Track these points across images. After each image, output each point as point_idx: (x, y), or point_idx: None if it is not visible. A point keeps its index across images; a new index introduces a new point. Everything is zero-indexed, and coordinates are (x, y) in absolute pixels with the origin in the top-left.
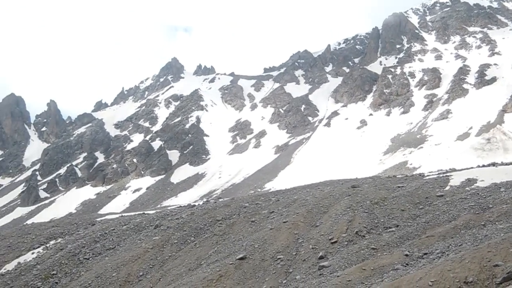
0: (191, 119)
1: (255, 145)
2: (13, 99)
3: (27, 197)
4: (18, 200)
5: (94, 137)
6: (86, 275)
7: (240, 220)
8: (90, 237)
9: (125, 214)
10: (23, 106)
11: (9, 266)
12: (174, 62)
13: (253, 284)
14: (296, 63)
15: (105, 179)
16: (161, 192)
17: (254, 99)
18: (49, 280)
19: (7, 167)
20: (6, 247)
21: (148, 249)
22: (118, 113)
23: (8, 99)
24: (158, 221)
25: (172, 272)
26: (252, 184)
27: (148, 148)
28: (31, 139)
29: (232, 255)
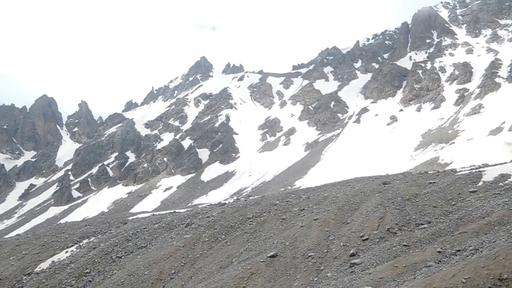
0: (221, 118)
1: (284, 143)
2: (46, 100)
3: (60, 196)
4: (51, 200)
5: (125, 136)
6: (118, 273)
7: (271, 217)
8: (122, 235)
9: (156, 213)
10: (55, 107)
11: (43, 264)
12: (203, 61)
13: (284, 281)
14: (325, 60)
15: (136, 178)
16: (191, 190)
17: (283, 96)
18: (82, 278)
19: (40, 167)
20: (40, 246)
21: (180, 247)
22: (148, 112)
23: (41, 101)
24: (189, 220)
25: (204, 270)
26: (282, 181)
27: (178, 147)
28: (63, 139)
29: (263, 252)
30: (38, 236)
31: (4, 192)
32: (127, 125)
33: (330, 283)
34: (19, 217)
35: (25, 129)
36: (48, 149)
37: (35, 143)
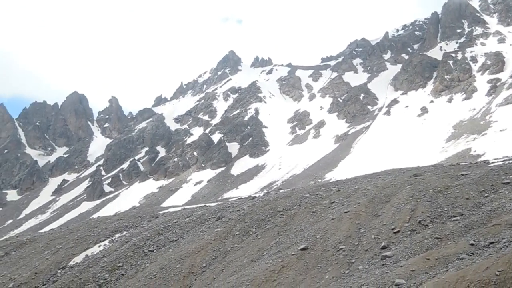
0: (250, 111)
1: (314, 136)
2: (76, 97)
3: (92, 191)
4: (84, 195)
5: (155, 131)
6: (151, 266)
7: (301, 210)
8: (154, 229)
9: (187, 207)
10: (86, 104)
11: (77, 258)
12: (231, 55)
13: (315, 274)
14: (354, 52)
15: (167, 172)
16: (221, 184)
17: (312, 89)
18: (115, 272)
19: (72, 163)
20: (74, 240)
21: (211, 241)
22: (177, 107)
23: (72, 97)
24: (220, 213)
25: (235, 263)
26: (312, 174)
27: (208, 141)
28: (95, 135)
29: (294, 245)
30: (72, 230)
31: (38, 188)
32: (157, 120)
33: (361, 276)
34: (53, 212)
35: (57, 125)
36: (79, 145)
37: (67, 139)
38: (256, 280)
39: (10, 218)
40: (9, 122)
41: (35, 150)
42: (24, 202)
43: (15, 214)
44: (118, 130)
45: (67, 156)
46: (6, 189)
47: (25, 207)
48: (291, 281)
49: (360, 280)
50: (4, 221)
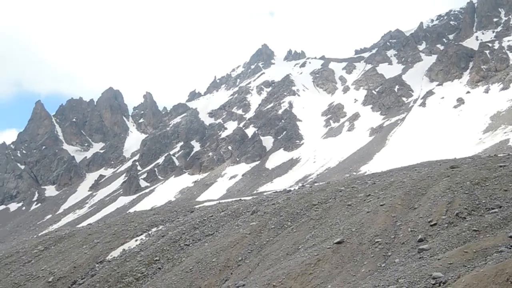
0: (284, 105)
1: (348, 128)
2: (111, 93)
3: (129, 186)
4: (120, 190)
5: (190, 126)
6: (187, 260)
7: (337, 204)
8: (190, 224)
9: (222, 201)
10: (121, 100)
11: (115, 252)
12: (264, 48)
13: (351, 267)
14: (388, 43)
15: (202, 167)
16: (256, 178)
17: (346, 81)
18: (152, 266)
19: (109, 158)
20: (111, 234)
21: (246, 235)
22: (211, 101)
23: (107, 93)
24: (255, 207)
25: (270, 256)
26: (347, 167)
27: (242, 135)
28: (130, 130)
29: (329, 239)
30: (109, 225)
31: (76, 183)
32: (191, 114)
33: (398, 269)
34: (90, 207)
35: (93, 121)
36: (115, 140)
37: (103, 135)
38: (292, 273)
39: (49, 213)
40: (46, 119)
41: (72, 146)
42: (62, 197)
43: (54, 209)
44: (153, 125)
45: (103, 151)
46: (45, 184)
47: (63, 202)
48: (327, 275)
49: (397, 274)
50: (43, 216)
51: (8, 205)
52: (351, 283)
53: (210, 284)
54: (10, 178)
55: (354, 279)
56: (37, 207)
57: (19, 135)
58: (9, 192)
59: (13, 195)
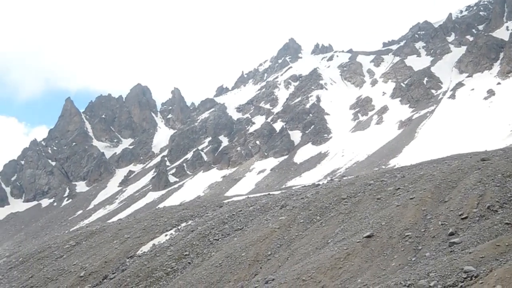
0: (311, 99)
1: (377, 122)
2: (140, 89)
3: (158, 182)
4: (149, 185)
5: (218, 121)
6: (216, 255)
7: (366, 197)
8: (219, 218)
9: (251, 196)
10: (149, 96)
11: (145, 247)
12: (291, 42)
13: (381, 261)
14: (416, 35)
15: (230, 162)
16: (285, 172)
17: (374, 74)
18: (182, 260)
19: (138, 154)
20: (141, 230)
21: (275, 229)
22: (239, 96)
23: (135, 89)
24: (284, 201)
25: (300, 251)
26: (376, 161)
27: (270, 130)
28: (158, 126)
29: (359, 233)
30: (139, 220)
31: (105, 179)
32: (219, 109)
33: (429, 263)
34: (120, 202)
35: (122, 117)
36: (144, 136)
37: (132, 130)
38: (321, 267)
39: (79, 209)
40: (76, 116)
41: (102, 142)
42: (93, 193)
43: (84, 205)
44: (181, 120)
45: (132, 147)
46: (75, 180)
47: (93, 198)
48: (357, 269)
49: (428, 267)
50: (74, 211)
51: (40, 201)
52: (381, 277)
53: (240, 278)
54: (41, 175)
55: (384, 273)
56: (68, 202)
57: (50, 132)
58: (41, 188)
59: (45, 191)
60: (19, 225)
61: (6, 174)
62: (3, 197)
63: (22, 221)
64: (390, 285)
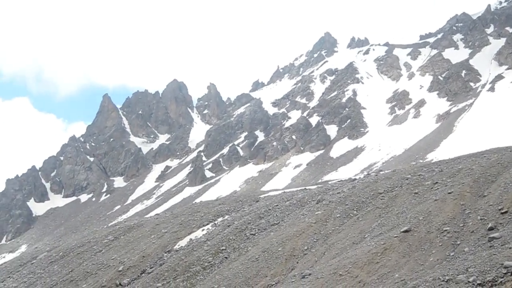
0: (347, 93)
1: (414, 115)
2: (176, 84)
3: (194, 177)
4: (186, 181)
5: (253, 116)
6: (253, 250)
7: (403, 192)
8: (255, 213)
9: (287, 190)
10: (185, 91)
11: (182, 242)
12: (327, 36)
13: (419, 256)
14: (454, 27)
15: (266, 156)
16: (321, 167)
17: (411, 68)
18: (219, 255)
19: (174, 149)
20: (178, 224)
21: (312, 224)
22: (275, 91)
23: (172, 85)
24: (320, 196)
25: (336, 245)
26: (413, 155)
27: (306, 124)
28: (195, 121)
29: (396, 228)
30: (176, 215)
31: (143, 175)
32: (255, 104)
33: (467, 258)
34: (157, 197)
35: (159, 113)
36: (180, 131)
37: (169, 126)
38: (358, 262)
39: (117, 204)
40: (113, 112)
41: (139, 138)
42: (130, 188)
43: (122, 200)
44: (217, 116)
45: (169, 143)
46: (113, 176)
47: (131, 193)
48: (394, 264)
49: (467, 263)
50: (112, 207)
51: (79, 196)
52: (419, 272)
53: (277, 273)
54: (80, 170)
55: (422, 268)
56: (106, 198)
57: (88, 128)
58: (80, 183)
59: (84, 186)
60: (59, 220)
61: (46, 170)
62: (43, 193)
63: (61, 216)
64: (428, 280)
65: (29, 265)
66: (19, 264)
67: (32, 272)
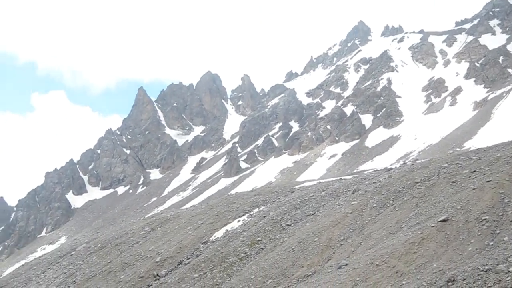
0: (382, 81)
1: (450, 103)
2: (210, 76)
3: (229, 168)
4: (221, 172)
5: (288, 106)
6: (289, 240)
7: (440, 181)
8: (291, 204)
9: (322, 180)
10: (219, 83)
11: (218, 233)
12: (361, 25)
13: (457, 246)
14: (491, 13)
15: (301, 147)
16: (356, 157)
17: (447, 55)
18: (255, 246)
19: (209, 141)
20: (214, 216)
21: (348, 214)
22: (308, 81)
23: (206, 77)
24: (356, 186)
25: (373, 236)
26: (450, 143)
27: (340, 114)
28: (229, 113)
29: (434, 217)
30: (212, 206)
31: (178, 166)
32: (289, 95)
33: (507, 247)
34: (193, 189)
35: (193, 105)
36: (215, 123)
37: (203, 118)
38: (395, 252)
39: (154, 196)
40: (149, 104)
41: (174, 130)
42: (166, 180)
43: (159, 192)
44: (251, 107)
45: (204, 134)
46: (149, 168)
47: (167, 185)
48: (432, 253)
49: (506, 252)
50: (148, 198)
51: (116, 188)
52: (457, 262)
53: (313, 263)
54: (117, 163)
55: (460, 258)
56: (142, 190)
57: (124, 121)
58: (117, 176)
59: (120, 179)
60: (96, 212)
61: (83, 163)
62: (81, 185)
63: (99, 208)
64: (467, 270)
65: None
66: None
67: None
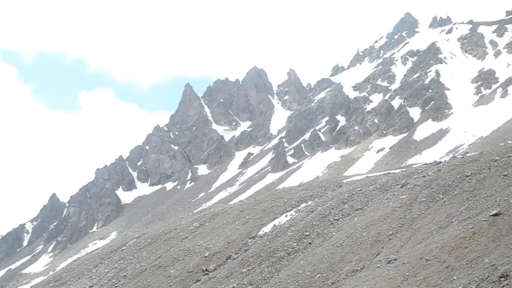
0: (430, 74)
1: (501, 95)
2: (256, 72)
3: (276, 163)
4: (268, 167)
5: (334, 101)
6: (337, 235)
7: (491, 174)
8: (338, 198)
9: (370, 175)
10: (265, 78)
11: (266, 228)
12: (407, 17)
13: (509, 241)
14: None
15: (348, 141)
16: (404, 150)
17: (497, 45)
18: (303, 240)
19: (256, 136)
20: (262, 211)
21: (396, 208)
22: (355, 75)
23: (251, 72)
24: (404, 180)
25: (422, 230)
26: (501, 136)
27: (388, 107)
28: (275, 108)
29: (485, 211)
30: (259, 201)
31: (225, 162)
32: (335, 89)
33: None
34: (240, 184)
35: (239, 100)
36: (261, 118)
37: (250, 113)
38: (445, 247)
39: (202, 191)
40: (195, 101)
41: (221, 125)
42: (214, 175)
43: (206, 187)
44: (297, 101)
45: (250, 130)
46: (197, 164)
47: (214, 180)
48: (484, 248)
49: None
50: (196, 194)
51: (165, 184)
52: (510, 257)
53: (361, 258)
54: (165, 159)
55: None
56: (190, 185)
57: (171, 117)
58: (165, 172)
59: (169, 174)
60: (146, 208)
61: (132, 159)
62: (131, 181)
63: (148, 204)
64: None
65: (119, 251)
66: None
67: (122, 258)
